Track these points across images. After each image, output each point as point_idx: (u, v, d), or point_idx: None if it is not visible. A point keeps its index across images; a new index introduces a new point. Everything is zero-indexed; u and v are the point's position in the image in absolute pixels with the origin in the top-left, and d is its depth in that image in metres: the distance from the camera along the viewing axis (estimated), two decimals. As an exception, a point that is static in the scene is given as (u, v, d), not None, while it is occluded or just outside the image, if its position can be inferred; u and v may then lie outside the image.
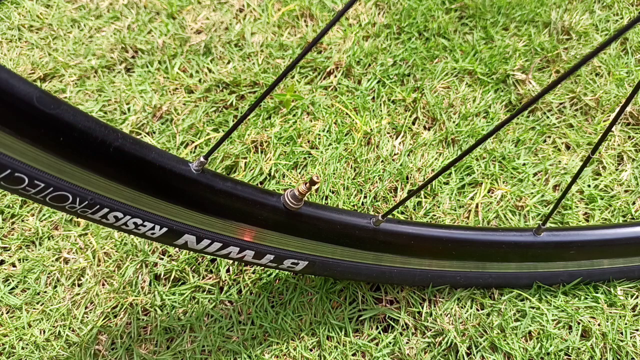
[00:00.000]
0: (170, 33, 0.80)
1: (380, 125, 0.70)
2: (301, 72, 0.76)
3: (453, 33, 0.80)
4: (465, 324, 0.56)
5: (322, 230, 0.47)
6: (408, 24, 0.81)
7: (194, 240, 0.42)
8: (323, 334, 0.56)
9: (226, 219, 0.42)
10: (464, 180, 0.66)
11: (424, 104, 0.72)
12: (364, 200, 0.65)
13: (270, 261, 0.47)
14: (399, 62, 0.77)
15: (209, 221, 0.41)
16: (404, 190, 0.65)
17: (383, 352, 0.54)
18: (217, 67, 0.77)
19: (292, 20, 0.82)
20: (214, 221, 0.42)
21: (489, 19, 0.81)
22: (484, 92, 0.74)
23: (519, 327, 0.55)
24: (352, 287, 0.59)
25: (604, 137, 0.40)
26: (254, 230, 0.44)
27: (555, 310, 0.56)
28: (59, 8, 0.85)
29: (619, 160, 0.68)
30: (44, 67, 0.77)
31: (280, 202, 0.43)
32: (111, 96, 0.74)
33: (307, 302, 0.58)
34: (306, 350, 0.55)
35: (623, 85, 0.74)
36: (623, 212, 0.63)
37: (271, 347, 0.55)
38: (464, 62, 0.76)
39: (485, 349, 0.54)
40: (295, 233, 0.46)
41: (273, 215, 0.43)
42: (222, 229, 0.43)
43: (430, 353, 0.55)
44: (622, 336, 0.55)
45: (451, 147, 0.69)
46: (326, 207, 0.48)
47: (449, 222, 0.63)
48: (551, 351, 0.54)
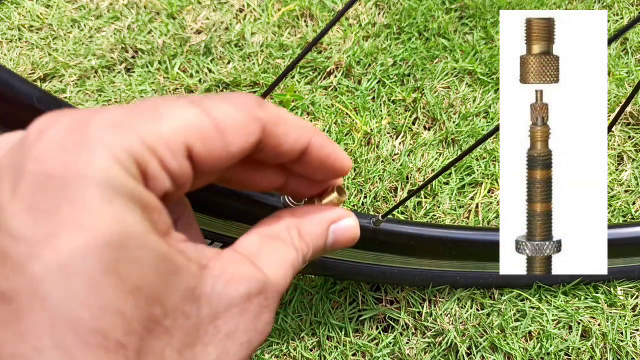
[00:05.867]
0: (170, 33, 0.80)
1: (380, 125, 0.70)
2: (301, 72, 0.76)
3: (453, 33, 0.80)
4: (465, 324, 0.56)
5: (322, 230, 0.47)
6: (408, 24, 0.81)
7: (194, 240, 0.42)
8: (323, 334, 0.56)
9: (226, 219, 0.42)
10: (464, 180, 0.66)
11: (424, 104, 0.72)
12: (364, 200, 0.65)
13: (270, 261, 0.47)
14: (399, 62, 0.77)
15: (208, 221, 0.41)
16: (404, 190, 0.65)
17: (383, 352, 0.54)
18: (217, 67, 0.77)
19: (292, 20, 0.82)
20: (214, 221, 0.42)
21: (489, 19, 0.81)
22: (484, 92, 0.74)
23: (519, 327, 0.55)
24: (352, 287, 0.59)
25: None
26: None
27: (555, 310, 0.56)
28: (59, 8, 0.85)
29: (619, 160, 0.68)
30: (44, 67, 0.77)
31: (280, 202, 0.43)
32: (111, 96, 0.74)
33: (307, 302, 0.58)
34: (306, 350, 0.55)
35: (623, 85, 0.74)
36: (623, 212, 0.63)
37: (271, 347, 0.55)
38: (464, 62, 0.76)
39: (485, 349, 0.54)
40: (295, 233, 0.46)
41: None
42: (222, 229, 0.43)
43: (430, 353, 0.55)
44: (622, 336, 0.55)
45: (451, 147, 0.69)
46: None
47: (449, 222, 0.63)
48: (551, 351, 0.54)
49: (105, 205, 0.16)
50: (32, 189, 0.16)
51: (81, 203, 0.15)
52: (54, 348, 0.14)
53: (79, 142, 0.16)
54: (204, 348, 0.18)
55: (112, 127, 0.17)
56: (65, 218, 0.15)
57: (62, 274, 0.15)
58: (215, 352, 0.18)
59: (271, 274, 0.20)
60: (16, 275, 0.15)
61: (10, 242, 0.15)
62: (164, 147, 0.17)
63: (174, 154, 0.17)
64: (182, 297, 0.17)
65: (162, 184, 0.18)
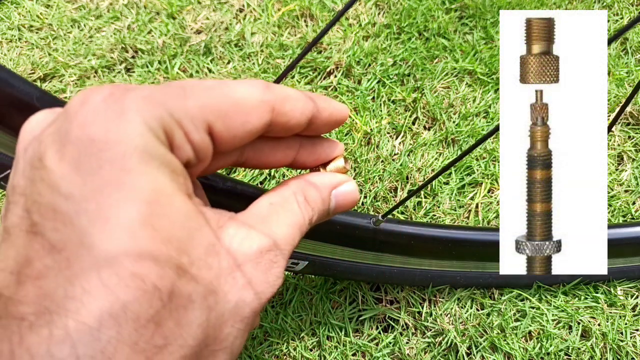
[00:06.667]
0: (170, 33, 0.80)
1: (380, 125, 0.70)
2: (301, 72, 0.76)
3: (453, 33, 0.80)
4: (465, 324, 0.56)
5: (321, 230, 0.47)
6: (408, 24, 0.81)
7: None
8: (323, 334, 0.56)
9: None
10: (464, 180, 0.66)
11: (424, 104, 0.72)
12: (364, 201, 0.65)
13: (270, 261, 0.47)
14: (399, 62, 0.77)
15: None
16: (404, 190, 0.65)
17: (383, 352, 0.54)
18: (217, 67, 0.77)
19: (292, 20, 0.82)
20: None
21: (489, 19, 0.81)
22: (484, 92, 0.74)
23: (519, 327, 0.55)
24: (352, 287, 0.59)
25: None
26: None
27: (555, 310, 0.56)
28: (59, 8, 0.85)
29: (619, 160, 0.68)
30: (44, 67, 0.77)
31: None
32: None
33: (307, 302, 0.58)
34: (306, 350, 0.55)
35: (623, 85, 0.74)
36: (623, 212, 0.63)
37: (271, 347, 0.55)
38: (464, 62, 0.76)
39: (485, 349, 0.54)
40: (295, 233, 0.46)
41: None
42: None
43: (430, 353, 0.55)
44: (622, 336, 0.55)
45: (451, 147, 0.69)
46: (326, 207, 0.48)
47: (449, 222, 0.63)
48: (551, 351, 0.54)
49: (142, 167, 0.18)
50: (77, 151, 0.18)
51: (121, 164, 0.18)
52: (99, 290, 0.16)
53: (117, 112, 0.18)
54: (225, 295, 0.20)
55: (145, 99, 0.19)
56: (107, 177, 0.17)
57: (106, 225, 0.17)
58: (234, 300, 0.20)
59: (280, 234, 0.23)
60: (66, 227, 0.17)
61: (60, 199, 0.17)
62: (188, 121, 0.20)
63: (197, 128, 0.20)
64: (205, 251, 0.20)
65: (185, 153, 0.20)
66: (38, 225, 0.17)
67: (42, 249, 0.17)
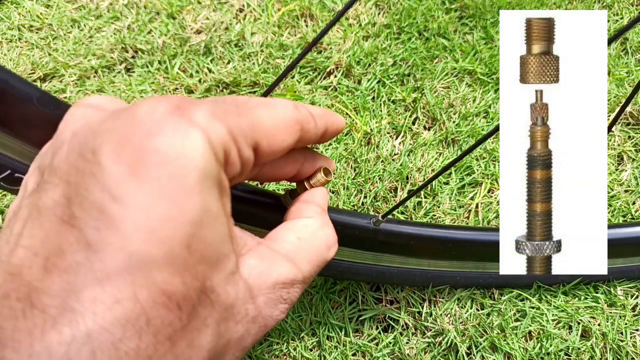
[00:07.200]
0: (170, 33, 0.80)
1: (380, 125, 0.70)
2: (301, 72, 0.76)
3: (453, 33, 0.80)
4: (465, 324, 0.56)
5: (322, 230, 0.47)
6: (408, 24, 0.81)
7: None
8: (323, 334, 0.56)
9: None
10: (464, 180, 0.66)
11: (424, 104, 0.72)
12: (364, 201, 0.65)
13: (270, 261, 0.47)
14: (399, 62, 0.77)
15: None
16: (404, 191, 0.65)
17: (383, 352, 0.54)
18: (217, 67, 0.77)
19: (292, 20, 0.82)
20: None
21: (489, 19, 0.81)
22: (484, 92, 0.74)
23: (519, 327, 0.55)
24: (352, 287, 0.59)
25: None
26: (254, 231, 0.44)
27: (555, 310, 0.56)
28: (59, 8, 0.85)
29: (619, 160, 0.68)
30: (44, 67, 0.77)
31: (280, 202, 0.43)
32: (111, 96, 0.74)
33: (307, 302, 0.58)
34: (306, 350, 0.55)
35: (623, 85, 0.74)
36: (623, 212, 0.63)
37: (271, 347, 0.55)
38: (464, 62, 0.76)
39: (485, 349, 0.54)
40: (295, 233, 0.46)
41: (273, 216, 0.43)
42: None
43: (430, 353, 0.55)
44: (622, 336, 0.55)
45: (451, 147, 0.69)
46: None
47: (449, 222, 0.63)
48: (551, 351, 0.54)
49: (198, 186, 0.18)
50: (136, 157, 0.18)
51: (179, 180, 0.18)
52: (130, 300, 0.17)
53: (184, 126, 0.19)
54: (235, 325, 0.21)
55: (211, 117, 0.19)
56: (162, 190, 0.18)
57: (150, 238, 0.17)
58: (242, 330, 0.21)
59: (306, 271, 0.24)
60: (109, 230, 0.17)
61: (109, 200, 0.17)
62: (242, 139, 0.21)
63: (248, 146, 0.21)
64: (225, 278, 0.20)
65: (235, 169, 0.21)
66: (78, 219, 0.17)
67: (76, 243, 0.17)
